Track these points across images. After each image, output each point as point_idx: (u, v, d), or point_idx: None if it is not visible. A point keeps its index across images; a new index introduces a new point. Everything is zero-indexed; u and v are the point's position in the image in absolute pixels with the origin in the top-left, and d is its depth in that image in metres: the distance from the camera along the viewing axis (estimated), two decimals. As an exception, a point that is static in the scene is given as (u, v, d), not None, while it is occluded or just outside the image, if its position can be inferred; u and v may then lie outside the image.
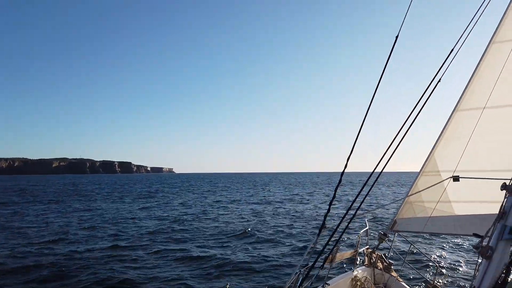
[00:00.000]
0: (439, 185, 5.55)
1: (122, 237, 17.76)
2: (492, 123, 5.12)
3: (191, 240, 17.02)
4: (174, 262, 12.85)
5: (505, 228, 2.88)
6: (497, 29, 4.89)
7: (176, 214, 27.22)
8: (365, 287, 4.97)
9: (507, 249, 2.87)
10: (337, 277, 4.87)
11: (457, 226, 5.61)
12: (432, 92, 3.63)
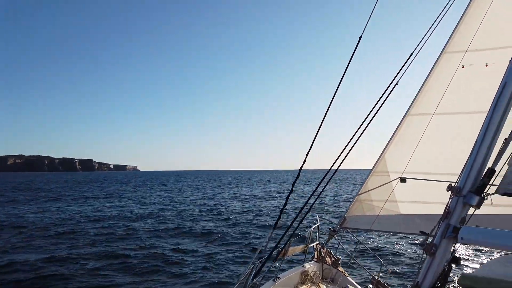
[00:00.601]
0: (388, 185, 5.80)
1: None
2: (439, 129, 5.41)
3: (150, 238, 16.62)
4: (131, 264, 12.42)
5: (448, 227, 3.04)
6: (449, 39, 5.16)
7: (138, 211, 26.46)
8: (313, 281, 5.09)
9: (449, 246, 3.04)
10: (288, 271, 4.95)
11: (402, 225, 5.89)
12: (389, 94, 3.77)
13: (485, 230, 2.75)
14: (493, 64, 5.00)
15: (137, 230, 18.26)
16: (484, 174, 2.97)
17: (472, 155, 3.07)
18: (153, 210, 27.65)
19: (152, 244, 14.87)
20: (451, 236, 3.01)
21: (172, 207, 29.99)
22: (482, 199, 2.97)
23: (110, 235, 17.02)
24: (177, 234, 17.43)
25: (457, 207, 3.03)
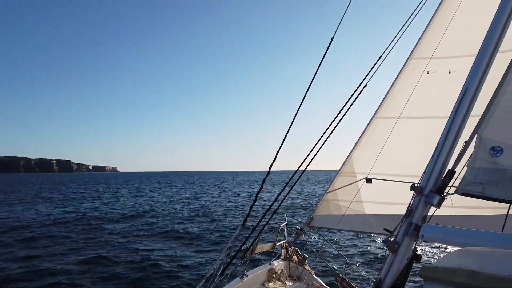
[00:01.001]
0: (354, 185, 5.94)
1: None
2: (404, 132, 5.60)
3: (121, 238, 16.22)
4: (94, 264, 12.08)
5: (410, 225, 3.16)
6: (415, 46, 5.35)
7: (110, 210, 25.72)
8: (280, 279, 5.14)
9: (411, 244, 3.15)
10: (255, 269, 4.97)
11: (367, 225, 6.05)
12: (358, 96, 3.87)
13: (444, 228, 2.87)
14: (455, 71, 5.23)
15: (110, 231, 17.88)
16: (445, 175, 3.10)
17: (433, 157, 3.20)
18: (126, 211, 27.06)
19: (125, 245, 14.60)
20: (413, 234, 3.13)
21: (149, 207, 29.53)
22: (442, 198, 3.11)
23: (80, 236, 16.53)
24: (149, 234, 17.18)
25: (419, 206, 3.16)
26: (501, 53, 3.15)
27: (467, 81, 3.12)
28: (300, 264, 5.75)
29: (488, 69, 3.05)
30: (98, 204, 32.68)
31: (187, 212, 26.03)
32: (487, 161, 2.91)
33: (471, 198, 3.34)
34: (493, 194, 2.82)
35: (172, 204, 32.98)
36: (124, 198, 41.05)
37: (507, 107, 2.90)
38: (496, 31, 2.99)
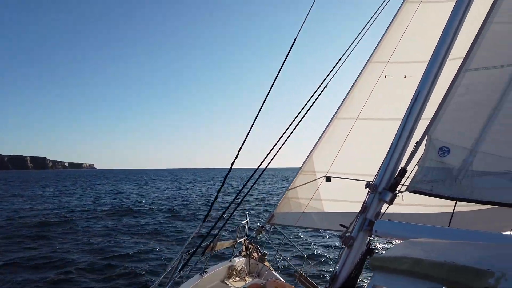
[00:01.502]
0: (314, 184, 6.10)
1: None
2: (362, 133, 5.82)
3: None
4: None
5: (365, 221, 3.31)
6: (374, 50, 5.57)
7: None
8: (240, 276, 5.18)
9: (365, 239, 3.31)
10: (216, 265, 4.99)
11: (325, 222, 6.24)
12: (319, 96, 3.99)
13: (395, 224, 3.03)
14: (411, 76, 5.49)
15: (74, 228, 17.20)
16: (397, 174, 3.28)
17: (387, 156, 3.37)
18: (91, 207, 26.16)
19: (87, 241, 14.16)
20: (367, 229, 3.29)
21: (114, 203, 28.73)
22: (395, 196, 3.28)
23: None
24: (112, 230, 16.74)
25: (373, 203, 3.32)
26: (451, 60, 3.37)
27: (420, 85, 3.31)
28: (260, 261, 5.82)
29: (439, 74, 3.24)
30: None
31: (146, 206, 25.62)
32: (435, 161, 3.11)
33: (422, 196, 3.56)
34: (441, 191, 3.02)
35: (135, 198, 32.39)
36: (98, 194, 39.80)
37: (455, 110, 3.10)
38: (446, 40, 3.19)
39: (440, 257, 1.10)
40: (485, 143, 2.87)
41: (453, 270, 0.99)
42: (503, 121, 2.81)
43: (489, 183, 2.76)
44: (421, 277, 1.16)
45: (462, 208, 4.66)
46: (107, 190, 49.89)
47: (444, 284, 0.99)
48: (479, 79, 3.00)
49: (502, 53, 2.94)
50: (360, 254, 3.32)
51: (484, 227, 4.72)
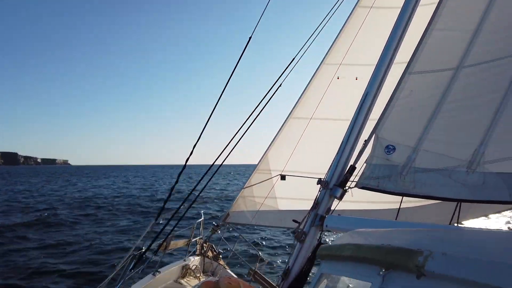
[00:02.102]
0: (269, 182, 6.19)
1: None
2: (315, 132, 5.98)
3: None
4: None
5: (317, 216, 3.43)
6: (328, 52, 5.76)
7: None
8: (194, 275, 5.15)
9: (316, 234, 3.43)
10: (169, 265, 4.91)
11: (279, 220, 6.35)
12: (273, 95, 4.07)
13: (344, 218, 3.17)
14: (362, 78, 5.72)
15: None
16: (347, 171, 3.42)
17: (338, 154, 3.51)
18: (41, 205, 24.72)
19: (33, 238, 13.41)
20: (318, 224, 3.41)
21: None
22: (345, 191, 3.43)
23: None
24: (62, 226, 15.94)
25: (324, 199, 3.45)
26: (397, 64, 3.57)
27: (368, 87, 3.48)
28: (214, 260, 5.81)
29: (385, 77, 3.43)
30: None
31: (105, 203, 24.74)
32: (382, 158, 3.28)
33: (371, 194, 3.74)
34: (386, 187, 3.19)
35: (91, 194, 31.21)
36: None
37: (400, 111, 3.29)
38: (392, 44, 3.38)
39: (378, 242, 1.19)
40: (427, 141, 3.07)
41: (389, 252, 1.07)
42: (441, 121, 3.03)
43: (430, 179, 2.96)
44: (361, 260, 1.24)
45: (408, 204, 4.94)
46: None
47: (382, 264, 1.08)
48: (422, 82, 3.20)
49: (442, 58, 3.16)
50: (311, 248, 3.43)
51: (427, 222, 5.03)
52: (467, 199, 2.78)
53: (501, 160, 2.65)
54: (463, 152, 2.85)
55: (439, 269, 0.85)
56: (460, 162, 2.84)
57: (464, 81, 3.02)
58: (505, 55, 2.88)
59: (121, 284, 3.31)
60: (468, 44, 3.05)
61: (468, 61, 3.04)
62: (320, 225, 3.38)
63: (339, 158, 3.47)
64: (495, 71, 2.91)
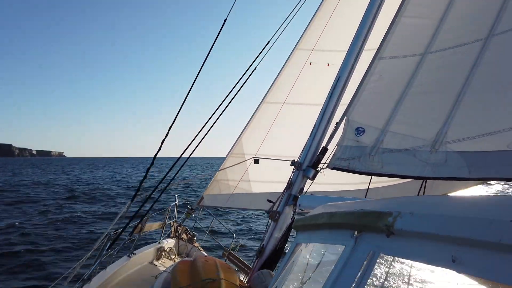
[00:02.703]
0: (243, 165, 6.28)
1: None
2: (288, 117, 6.09)
3: None
4: None
5: (290, 196, 3.55)
6: (301, 37, 5.83)
7: None
8: (169, 257, 5.20)
9: (290, 213, 3.56)
10: (143, 247, 4.94)
11: (253, 202, 6.47)
12: (248, 79, 4.13)
13: (317, 197, 3.30)
14: (333, 64, 5.85)
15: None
16: (319, 152, 3.56)
17: (310, 136, 3.63)
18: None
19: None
20: (292, 204, 3.54)
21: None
22: (317, 172, 3.57)
23: None
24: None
25: (297, 180, 3.58)
26: (368, 51, 3.70)
27: (339, 72, 3.60)
28: (189, 242, 5.88)
29: (356, 62, 3.56)
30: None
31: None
32: (352, 140, 3.42)
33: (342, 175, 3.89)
34: (356, 167, 3.34)
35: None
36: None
37: (369, 94, 3.43)
38: (363, 30, 3.50)
39: (351, 208, 1.30)
40: (394, 123, 3.23)
41: (361, 215, 1.18)
42: (408, 104, 3.19)
43: (396, 159, 3.13)
44: (335, 227, 1.34)
45: (376, 185, 5.16)
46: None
47: (354, 227, 1.19)
48: (390, 67, 3.34)
49: (409, 44, 3.30)
50: (285, 227, 3.57)
51: None
52: (430, 176, 2.96)
53: (461, 140, 2.84)
54: (427, 132, 3.02)
55: (406, 227, 0.97)
56: (424, 142, 3.01)
57: (429, 66, 3.18)
58: (468, 42, 3.05)
59: (97, 264, 3.33)
60: (434, 31, 3.21)
61: (434, 47, 3.19)
62: (293, 204, 3.51)
63: (312, 140, 3.59)
64: (458, 57, 3.08)
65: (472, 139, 2.76)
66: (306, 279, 1.52)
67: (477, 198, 0.96)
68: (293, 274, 1.65)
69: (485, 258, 0.76)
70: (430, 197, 1.12)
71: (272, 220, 3.58)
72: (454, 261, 0.81)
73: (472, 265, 0.79)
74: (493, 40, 2.83)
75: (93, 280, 3.54)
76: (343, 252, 1.16)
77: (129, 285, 3.99)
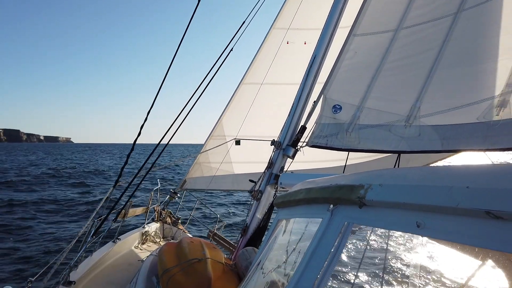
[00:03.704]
0: (224, 147, 6.31)
1: None
2: (267, 97, 6.11)
3: None
4: None
5: (271, 175, 3.62)
6: (277, 16, 5.80)
7: None
8: (154, 241, 5.24)
9: (271, 191, 3.63)
10: (128, 232, 4.96)
11: (235, 183, 6.54)
12: (225, 60, 4.10)
13: (297, 175, 3.38)
14: (310, 43, 5.86)
15: None
16: (298, 131, 3.61)
17: (289, 115, 3.68)
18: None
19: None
20: (273, 183, 3.61)
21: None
22: (297, 150, 3.63)
23: None
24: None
25: (278, 159, 3.64)
26: (343, 28, 3.73)
27: (315, 50, 3.62)
28: (174, 225, 5.92)
29: (332, 39, 3.58)
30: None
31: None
32: (330, 117, 3.49)
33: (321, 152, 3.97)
34: (334, 144, 3.42)
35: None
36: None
37: (345, 72, 3.48)
38: (337, 8, 3.52)
39: (326, 183, 1.36)
40: (369, 100, 3.30)
41: (335, 189, 1.25)
42: (382, 80, 3.26)
43: (372, 134, 3.22)
44: (312, 201, 1.41)
45: (354, 161, 5.28)
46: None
47: (330, 201, 1.25)
48: (365, 44, 3.39)
49: (382, 20, 3.35)
50: (267, 205, 3.65)
51: None
52: (405, 150, 3.07)
53: (434, 114, 2.94)
54: (401, 107, 3.11)
55: (376, 198, 1.04)
56: (399, 117, 3.10)
57: (402, 41, 3.24)
58: (439, 17, 3.11)
59: (83, 251, 3.34)
60: (406, 6, 3.25)
61: (406, 23, 3.25)
62: (274, 183, 3.58)
63: (291, 120, 3.64)
64: (429, 32, 3.15)
65: (444, 112, 2.86)
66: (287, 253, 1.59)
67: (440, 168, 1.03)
68: (275, 249, 1.72)
69: (445, 222, 0.83)
70: (399, 169, 1.19)
71: (254, 199, 3.65)
72: (419, 226, 0.88)
73: (434, 229, 0.86)
74: (462, 15, 2.91)
75: (80, 266, 3.56)
76: (320, 225, 1.23)
77: (115, 270, 4.03)
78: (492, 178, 0.78)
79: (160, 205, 6.04)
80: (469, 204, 0.75)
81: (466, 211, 0.76)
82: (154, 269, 3.04)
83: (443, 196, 0.82)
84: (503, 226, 0.71)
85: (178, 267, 2.60)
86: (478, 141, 2.62)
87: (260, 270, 1.76)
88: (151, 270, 3.06)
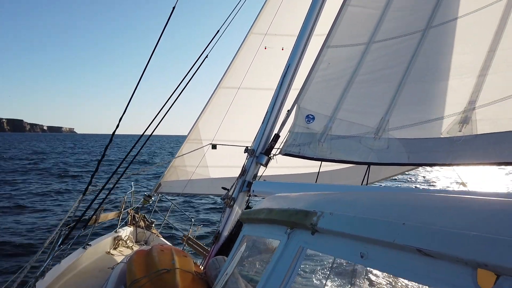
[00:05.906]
0: (200, 151, 6.28)
1: None
2: (243, 102, 6.12)
3: None
4: None
5: (244, 182, 3.64)
6: (255, 21, 5.82)
7: None
8: (127, 245, 5.16)
9: (244, 199, 3.65)
10: (99, 238, 4.86)
11: (211, 187, 6.52)
12: (200, 66, 4.09)
13: (270, 183, 3.41)
14: (288, 49, 5.90)
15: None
16: (272, 139, 3.64)
17: (263, 123, 3.70)
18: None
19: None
20: (246, 190, 3.62)
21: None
22: (270, 159, 3.66)
23: None
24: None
25: (251, 166, 3.65)
26: (318, 36, 3.77)
27: (290, 58, 3.66)
28: (147, 229, 5.85)
29: (306, 48, 3.63)
30: None
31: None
32: (303, 127, 3.53)
33: (294, 159, 4.01)
34: (306, 153, 3.46)
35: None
36: None
37: (318, 82, 3.53)
38: (311, 17, 3.56)
39: (286, 205, 1.39)
40: (341, 111, 3.36)
41: (292, 214, 1.28)
42: (354, 92, 3.32)
43: (343, 145, 3.27)
44: (273, 222, 1.44)
45: (326, 168, 5.36)
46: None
47: (288, 224, 1.29)
48: (338, 55, 3.45)
49: (355, 33, 3.41)
50: (240, 213, 3.66)
51: (342, 183, 5.53)
52: (374, 162, 3.14)
53: (401, 127, 3.02)
54: (371, 120, 3.18)
55: (326, 226, 1.08)
56: (369, 129, 3.17)
57: (374, 55, 3.32)
58: (409, 32, 3.20)
59: (50, 260, 3.26)
60: (378, 20, 3.33)
61: (377, 36, 3.32)
62: (247, 190, 3.60)
63: (264, 127, 3.66)
64: (400, 46, 3.23)
65: (411, 126, 2.94)
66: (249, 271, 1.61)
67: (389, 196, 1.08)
68: (239, 264, 1.74)
69: (385, 255, 0.87)
70: (351, 195, 1.24)
71: (227, 206, 3.66)
72: (362, 256, 0.93)
73: (376, 261, 0.91)
74: (430, 32, 3.00)
75: (47, 275, 3.47)
76: (278, 247, 1.26)
77: (85, 277, 3.95)
78: (427, 215, 0.82)
79: (133, 209, 5.95)
80: (403, 241, 0.80)
81: (402, 247, 0.81)
82: (123, 278, 3.01)
83: (383, 230, 0.86)
84: (434, 263, 0.75)
85: (146, 278, 2.58)
86: (442, 156, 2.71)
87: (226, 284, 1.78)
88: (120, 279, 3.02)
